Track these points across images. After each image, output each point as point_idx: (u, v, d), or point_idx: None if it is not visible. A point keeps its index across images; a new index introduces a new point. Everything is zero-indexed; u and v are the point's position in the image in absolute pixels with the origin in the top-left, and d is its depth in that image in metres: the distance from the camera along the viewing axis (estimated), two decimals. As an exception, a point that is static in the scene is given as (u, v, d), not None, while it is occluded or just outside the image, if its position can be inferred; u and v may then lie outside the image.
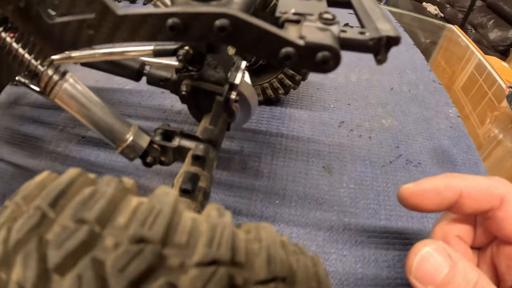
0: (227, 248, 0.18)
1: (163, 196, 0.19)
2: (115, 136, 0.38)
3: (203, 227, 0.19)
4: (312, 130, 0.64)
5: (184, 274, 0.17)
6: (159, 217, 0.18)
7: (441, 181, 0.35)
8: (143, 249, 0.16)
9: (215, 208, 0.21)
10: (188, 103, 0.45)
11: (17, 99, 0.73)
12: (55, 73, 0.37)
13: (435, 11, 3.32)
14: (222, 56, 0.42)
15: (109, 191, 0.19)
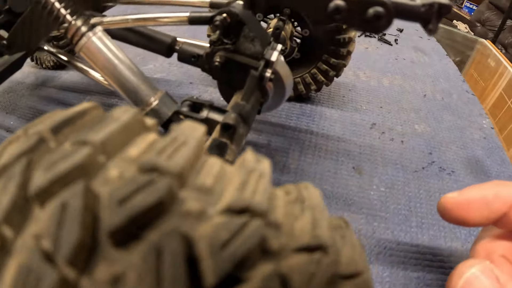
0: (264, 197, 0.14)
1: (190, 129, 0.16)
2: (139, 98, 0.36)
3: (234, 173, 0.15)
4: (343, 130, 0.61)
5: (204, 222, 0.13)
6: (181, 149, 0.15)
7: (490, 189, 0.31)
8: (154, 181, 0.13)
9: (252, 154, 0.17)
10: (219, 78, 0.43)
11: (45, 82, 0.75)
12: (83, 24, 0.36)
13: (465, 29, 3.27)
14: (260, 30, 0.40)
15: (124, 118, 0.16)
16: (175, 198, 0.13)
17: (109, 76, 0.36)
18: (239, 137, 0.36)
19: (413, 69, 0.86)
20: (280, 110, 0.64)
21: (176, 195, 0.13)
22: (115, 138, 0.15)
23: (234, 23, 0.38)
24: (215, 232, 0.12)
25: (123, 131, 0.15)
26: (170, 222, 0.12)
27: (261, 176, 0.15)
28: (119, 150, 0.15)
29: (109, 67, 0.36)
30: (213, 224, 0.13)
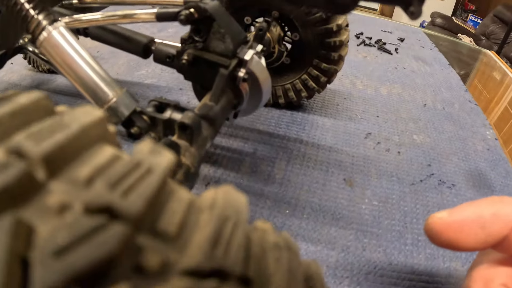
0: (140, 198, 0.11)
1: (82, 114, 0.14)
2: (97, 96, 0.34)
3: (122, 163, 0.13)
4: (335, 139, 0.58)
5: (55, 218, 0.11)
6: (58, 133, 0.13)
7: (487, 208, 0.26)
8: (10, 164, 0.11)
9: (150, 144, 0.14)
10: (191, 77, 0.40)
11: (40, 85, 0.77)
12: (45, 18, 0.34)
13: (470, 42, 3.26)
14: (232, 27, 0.37)
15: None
16: (38, 189, 0.11)
17: (67, 72, 0.34)
18: (202, 140, 0.33)
19: (413, 78, 0.83)
20: (269, 118, 0.61)
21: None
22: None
23: (204, 19, 0.35)
24: (54, 231, 0.10)
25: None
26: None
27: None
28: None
29: (68, 63, 0.34)
30: (62, 221, 0.10)
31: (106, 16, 0.46)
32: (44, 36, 0.34)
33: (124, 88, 0.36)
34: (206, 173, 0.49)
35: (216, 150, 0.53)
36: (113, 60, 0.86)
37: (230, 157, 0.52)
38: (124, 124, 0.35)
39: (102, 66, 0.35)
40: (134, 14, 0.44)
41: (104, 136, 0.15)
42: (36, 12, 0.34)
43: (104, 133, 0.15)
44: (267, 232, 0.15)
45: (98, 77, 0.34)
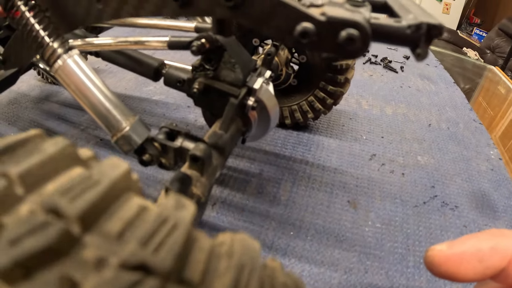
0: (170, 254, 0.13)
1: (110, 168, 0.15)
2: (110, 124, 0.35)
3: (149, 218, 0.14)
4: (340, 160, 0.59)
5: (95, 272, 0.12)
6: (90, 189, 0.14)
7: (486, 242, 0.26)
8: (49, 223, 0.12)
9: (174, 198, 0.16)
10: (201, 104, 0.41)
11: (49, 96, 0.78)
12: (60, 46, 0.35)
13: (475, 56, 3.25)
14: (242, 56, 0.38)
15: (50, 150, 0.15)
16: (73, 243, 0.12)
17: (81, 100, 0.35)
18: (212, 169, 0.34)
19: (418, 97, 0.84)
20: (276, 138, 0.62)
21: (75, 239, 0.12)
22: (36, 171, 0.14)
23: (215, 49, 0.37)
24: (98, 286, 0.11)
25: (47, 163, 0.15)
26: (60, 267, 0.12)
27: (176, 225, 0.14)
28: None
29: (82, 91, 0.35)
30: (101, 278, 0.12)
31: (118, 41, 0.47)
32: (59, 64, 0.35)
33: (137, 115, 0.36)
34: (213, 193, 0.50)
35: (224, 170, 0.54)
36: (121, 74, 0.87)
37: (236, 178, 0.53)
38: (136, 151, 0.35)
39: (114, 94, 0.36)
40: (146, 41, 0.45)
41: (129, 186, 0.16)
42: (51, 40, 0.35)
43: (129, 183, 0.16)
44: (276, 271, 0.16)
45: (112, 105, 0.35)
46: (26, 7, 0.35)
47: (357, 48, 0.20)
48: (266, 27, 0.23)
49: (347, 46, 0.20)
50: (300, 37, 0.21)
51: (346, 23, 0.20)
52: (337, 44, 0.21)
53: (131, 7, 0.29)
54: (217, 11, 0.25)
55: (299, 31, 0.21)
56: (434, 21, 0.20)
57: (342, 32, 0.20)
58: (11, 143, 0.15)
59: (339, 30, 0.20)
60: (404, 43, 0.21)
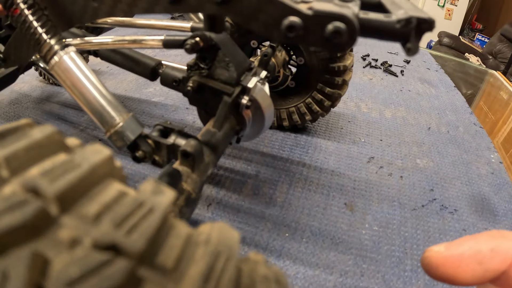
0: (142, 236, 0.13)
1: (91, 153, 0.15)
2: (104, 120, 0.35)
3: (126, 202, 0.14)
4: (338, 163, 0.58)
5: (66, 252, 0.12)
6: (70, 172, 0.14)
7: (485, 243, 0.25)
8: (27, 201, 0.12)
9: (153, 184, 0.16)
10: (195, 103, 0.41)
11: (49, 97, 0.79)
12: (57, 43, 0.36)
13: (477, 62, 3.25)
14: (236, 55, 0.38)
15: (36, 136, 0.16)
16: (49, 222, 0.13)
17: (76, 96, 0.36)
18: (203, 166, 0.33)
19: (418, 101, 0.83)
20: (273, 140, 0.62)
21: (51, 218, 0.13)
22: (21, 154, 0.14)
23: (209, 48, 0.36)
24: (68, 265, 0.11)
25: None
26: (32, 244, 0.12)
27: (152, 210, 0.14)
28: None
29: (77, 87, 0.35)
30: (71, 257, 0.12)
31: (116, 40, 0.47)
32: (55, 61, 0.36)
33: (131, 112, 0.37)
34: (208, 194, 0.50)
35: (219, 171, 0.54)
36: (122, 76, 0.87)
37: (233, 179, 0.53)
38: (129, 147, 0.35)
39: (110, 91, 0.36)
40: (142, 39, 0.45)
41: (111, 172, 0.16)
42: (49, 36, 0.36)
43: (111, 169, 0.16)
44: (258, 264, 0.16)
45: (106, 101, 0.35)
46: (25, 5, 0.36)
47: (344, 41, 0.20)
48: (254, 22, 0.23)
49: (334, 40, 0.20)
50: (287, 31, 0.21)
51: (333, 17, 0.20)
52: (324, 37, 0.20)
53: (125, 5, 0.30)
54: (206, 7, 0.25)
55: (286, 25, 0.21)
56: (424, 15, 0.20)
57: (329, 25, 0.20)
58: (2, 131, 0.16)
59: (326, 24, 0.20)
60: (394, 37, 0.21)
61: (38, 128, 0.16)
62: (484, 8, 4.16)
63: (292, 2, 0.21)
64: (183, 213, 0.31)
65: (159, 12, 0.28)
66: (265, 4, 0.22)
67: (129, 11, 0.30)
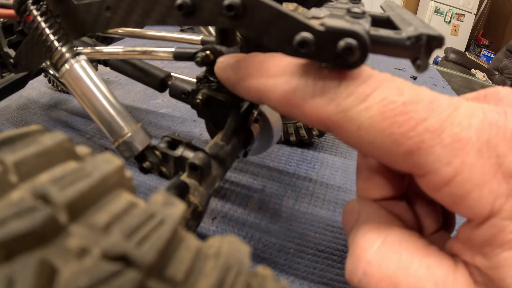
0: (153, 248, 0.13)
1: (102, 162, 0.16)
2: (113, 129, 0.35)
3: (137, 213, 0.14)
4: (345, 179, 0.58)
5: (76, 261, 0.12)
6: (80, 180, 0.14)
7: None
8: (37, 208, 0.12)
9: (164, 195, 0.16)
10: (204, 116, 0.41)
11: (57, 104, 0.80)
12: (68, 51, 0.36)
13: (483, 78, 3.25)
14: None
15: (46, 143, 0.16)
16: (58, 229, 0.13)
17: (86, 104, 0.36)
18: (211, 179, 0.33)
19: (425, 117, 0.83)
20: (280, 155, 0.62)
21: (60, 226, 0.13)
22: (31, 160, 0.15)
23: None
24: (76, 274, 0.11)
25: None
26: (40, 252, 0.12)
27: (164, 221, 0.14)
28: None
29: (87, 95, 0.36)
30: (81, 266, 0.12)
31: (126, 50, 0.48)
32: (66, 68, 0.36)
33: (139, 123, 0.37)
34: (213, 207, 0.50)
35: (225, 184, 0.54)
36: (130, 86, 0.88)
37: (238, 193, 0.53)
38: (137, 158, 0.36)
39: (119, 101, 0.37)
40: (153, 51, 0.46)
41: (121, 182, 0.16)
42: (60, 44, 0.36)
43: (122, 179, 0.16)
44: (267, 279, 0.16)
45: (115, 111, 0.35)
46: (38, 12, 0.36)
47: (355, 58, 0.20)
48: (267, 37, 0.23)
49: (345, 56, 0.20)
50: (299, 46, 0.21)
51: (345, 33, 0.20)
52: (335, 54, 0.21)
53: (137, 16, 0.30)
54: (219, 20, 0.25)
55: (298, 40, 0.21)
56: (434, 32, 0.20)
57: (341, 41, 0.20)
58: (12, 135, 0.16)
59: (338, 40, 0.20)
60: (404, 54, 0.21)
61: (49, 135, 0.17)
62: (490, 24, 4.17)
63: (304, 18, 0.21)
64: (189, 226, 0.31)
65: (172, 24, 0.29)
66: (277, 19, 0.22)
67: (141, 22, 0.30)
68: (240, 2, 0.23)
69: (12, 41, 0.58)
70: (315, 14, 0.23)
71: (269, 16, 0.22)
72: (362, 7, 0.28)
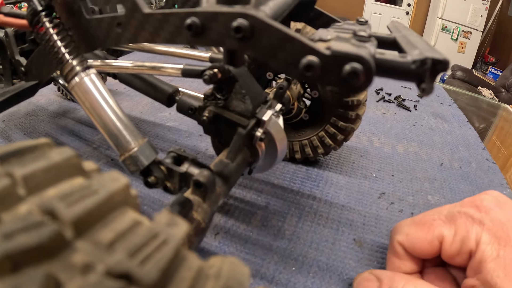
0: (155, 267, 0.13)
1: (109, 180, 0.16)
2: (120, 143, 0.36)
3: (141, 231, 0.15)
4: (348, 197, 0.58)
5: (80, 276, 0.12)
6: (87, 197, 0.14)
7: None
8: (44, 223, 0.13)
9: (168, 215, 0.16)
10: (210, 132, 0.42)
11: (66, 112, 0.81)
12: (78, 64, 0.37)
13: (490, 95, 3.24)
14: (252, 87, 0.39)
15: (55, 158, 0.16)
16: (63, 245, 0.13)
17: (94, 117, 0.37)
18: (215, 197, 0.34)
19: (431, 136, 0.83)
20: (284, 172, 0.62)
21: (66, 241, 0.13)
22: (39, 175, 0.15)
23: (227, 79, 0.37)
24: None
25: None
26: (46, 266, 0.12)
27: (166, 241, 0.14)
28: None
29: (96, 108, 0.36)
30: (85, 282, 0.12)
31: (136, 65, 0.49)
32: (76, 81, 0.37)
33: (146, 138, 0.37)
34: (217, 222, 0.50)
35: (229, 200, 0.54)
36: (138, 98, 0.89)
37: (242, 209, 0.53)
38: (142, 172, 0.36)
39: (126, 114, 0.37)
40: (162, 67, 0.46)
41: (127, 200, 0.17)
42: (71, 57, 0.37)
43: (127, 197, 0.17)
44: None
45: (123, 125, 0.36)
46: (50, 24, 0.37)
47: (360, 82, 0.21)
48: (273, 59, 0.24)
49: (350, 80, 0.21)
50: (305, 70, 0.22)
51: (350, 57, 0.20)
52: (341, 78, 0.21)
53: (148, 33, 0.31)
54: (227, 42, 0.26)
55: (304, 64, 0.21)
56: (439, 56, 0.20)
57: (346, 66, 0.20)
58: (21, 148, 0.17)
59: (343, 64, 0.21)
60: (409, 78, 0.21)
61: (57, 150, 0.17)
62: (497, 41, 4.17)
63: (311, 42, 0.22)
64: (191, 242, 0.31)
65: (180, 43, 0.29)
66: (284, 43, 0.23)
67: (151, 40, 0.31)
68: (248, 25, 0.23)
69: (24, 49, 0.59)
70: (322, 36, 0.24)
71: (277, 39, 0.23)
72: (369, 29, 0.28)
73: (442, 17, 3.83)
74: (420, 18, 4.13)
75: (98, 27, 0.35)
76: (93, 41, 0.36)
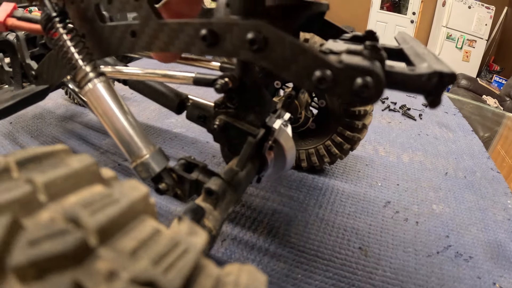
0: (178, 276, 0.13)
1: (130, 189, 0.17)
2: (131, 150, 0.36)
3: (162, 240, 0.15)
4: (354, 206, 0.59)
5: (104, 283, 0.13)
6: (110, 206, 0.15)
7: None
8: (69, 231, 0.13)
9: (189, 225, 0.17)
10: (220, 141, 0.42)
11: (73, 116, 0.82)
12: (92, 70, 0.37)
13: (494, 104, 3.23)
14: (262, 97, 0.40)
15: (74, 166, 0.17)
16: (87, 252, 0.13)
17: (106, 124, 0.37)
18: (225, 204, 0.34)
19: (436, 145, 0.83)
20: (291, 180, 0.63)
21: (90, 248, 0.13)
22: (60, 182, 0.16)
23: (238, 88, 0.38)
24: None
25: (71, 177, 0.16)
26: (71, 273, 0.13)
27: (187, 250, 0.15)
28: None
29: (108, 115, 0.37)
30: None
31: (147, 72, 0.49)
32: (89, 88, 0.37)
33: (158, 145, 0.38)
34: (224, 229, 0.51)
35: (236, 207, 0.55)
36: (145, 104, 0.90)
37: (249, 216, 0.53)
38: (153, 179, 0.36)
39: (139, 123, 0.37)
40: (173, 75, 0.47)
41: (146, 209, 0.17)
42: (84, 63, 0.37)
43: (147, 206, 0.17)
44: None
45: (135, 132, 0.36)
46: (64, 30, 0.38)
47: (371, 95, 0.21)
48: (286, 71, 0.24)
49: (361, 93, 0.21)
50: (318, 82, 0.22)
51: (362, 71, 0.21)
52: (352, 90, 0.21)
53: (162, 42, 0.31)
54: (241, 53, 0.26)
55: (317, 76, 0.22)
56: (447, 70, 0.21)
57: (358, 79, 0.21)
58: (38, 154, 0.17)
59: (355, 77, 0.21)
60: (418, 90, 0.22)
61: (76, 157, 0.18)
62: (501, 50, 4.15)
63: (323, 54, 0.22)
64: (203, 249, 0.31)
65: (194, 53, 0.29)
66: (298, 55, 0.23)
67: (165, 48, 0.31)
68: (262, 37, 0.24)
69: (34, 53, 0.60)
70: (333, 48, 0.24)
71: (290, 51, 0.23)
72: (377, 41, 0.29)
73: (447, 25, 3.83)
74: (425, 27, 4.13)
75: (112, 34, 0.35)
76: (106, 48, 0.37)
